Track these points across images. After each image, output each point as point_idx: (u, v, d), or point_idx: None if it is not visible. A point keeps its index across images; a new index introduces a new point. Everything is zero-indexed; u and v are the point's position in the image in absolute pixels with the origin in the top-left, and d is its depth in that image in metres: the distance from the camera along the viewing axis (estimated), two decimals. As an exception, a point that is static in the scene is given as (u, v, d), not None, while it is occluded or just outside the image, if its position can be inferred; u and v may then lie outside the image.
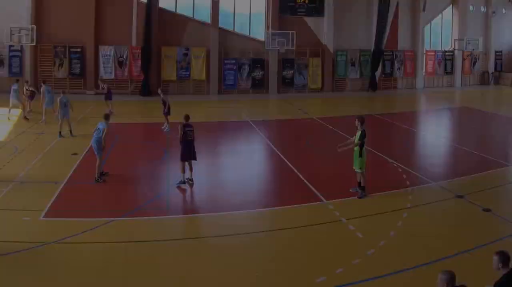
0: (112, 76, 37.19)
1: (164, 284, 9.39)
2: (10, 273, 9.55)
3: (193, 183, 15.10)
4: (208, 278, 9.61)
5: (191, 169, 15.20)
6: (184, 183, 15.06)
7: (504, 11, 48.31)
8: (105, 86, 28.21)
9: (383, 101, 38.01)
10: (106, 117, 16.33)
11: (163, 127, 23.89)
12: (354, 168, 14.35)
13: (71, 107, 22.16)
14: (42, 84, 26.13)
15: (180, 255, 10.77)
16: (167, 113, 23.67)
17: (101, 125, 16.00)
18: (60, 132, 21.79)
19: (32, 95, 27.57)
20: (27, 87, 27.56)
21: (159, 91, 24.81)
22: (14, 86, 25.94)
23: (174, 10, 38.58)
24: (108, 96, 28.00)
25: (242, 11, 40.20)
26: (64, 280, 9.36)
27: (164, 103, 23.82)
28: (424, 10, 42.99)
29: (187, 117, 15.42)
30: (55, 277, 9.44)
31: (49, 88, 25.95)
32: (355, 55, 41.90)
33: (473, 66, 47.97)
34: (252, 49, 39.87)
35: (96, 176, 15.60)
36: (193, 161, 15.30)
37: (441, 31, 46.83)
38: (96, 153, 15.76)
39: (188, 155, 15.10)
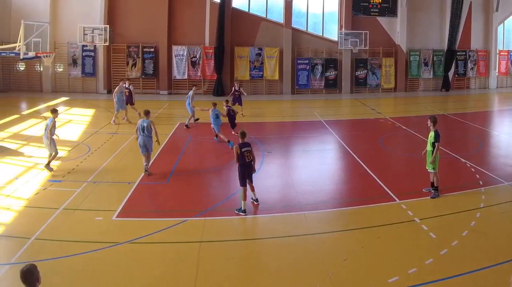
0: (185, 76, 37.32)
1: (236, 284, 9.44)
2: (82, 273, 9.64)
3: (258, 203, 13.69)
4: (280, 277, 9.72)
5: (252, 189, 13.63)
6: (244, 211, 13.02)
7: None
8: (241, 89, 27.82)
9: (456, 101, 37.14)
10: (146, 113, 16.27)
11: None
12: (427, 168, 14.36)
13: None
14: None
15: (252, 255, 10.83)
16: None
17: (144, 122, 16.08)
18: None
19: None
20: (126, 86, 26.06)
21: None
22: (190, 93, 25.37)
23: (247, 10, 38.64)
24: (238, 99, 27.43)
25: (315, 11, 40.03)
26: (137, 280, 9.46)
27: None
28: (497, 10, 42.15)
29: (243, 135, 13.47)
30: (128, 277, 9.54)
31: (122, 88, 25.45)
32: (428, 55, 41.22)
33: (546, 66, 46.40)
34: (325, 49, 39.54)
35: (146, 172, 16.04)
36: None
37: (514, 31, 45.62)
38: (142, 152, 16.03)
39: (248, 178, 13.32)
